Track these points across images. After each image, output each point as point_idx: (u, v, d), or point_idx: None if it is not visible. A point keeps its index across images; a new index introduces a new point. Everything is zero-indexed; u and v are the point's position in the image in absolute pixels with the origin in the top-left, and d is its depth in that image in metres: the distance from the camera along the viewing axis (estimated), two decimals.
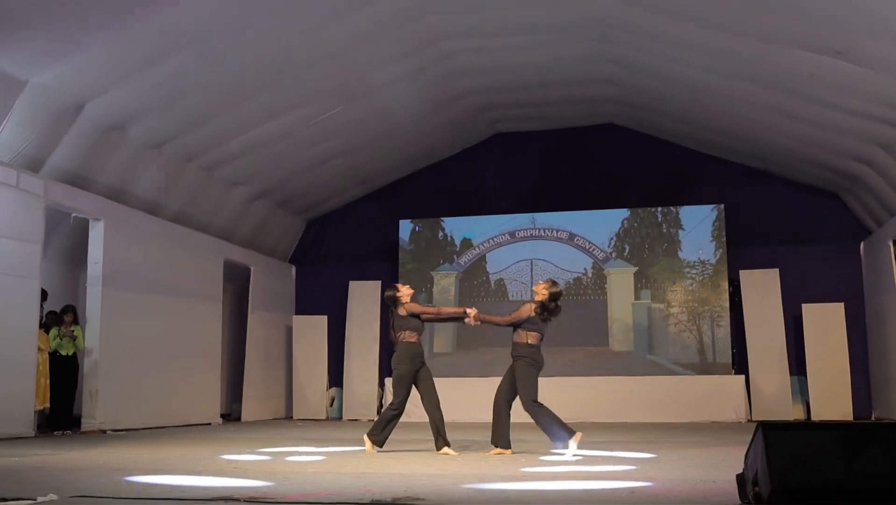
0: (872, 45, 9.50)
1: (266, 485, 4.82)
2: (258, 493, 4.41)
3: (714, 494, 4.35)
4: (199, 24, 9.73)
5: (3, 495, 4.21)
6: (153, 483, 4.98)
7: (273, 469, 5.93)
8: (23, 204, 9.55)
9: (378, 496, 4.21)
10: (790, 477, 3.53)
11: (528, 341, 7.32)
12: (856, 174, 13.08)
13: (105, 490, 4.63)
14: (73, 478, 5.29)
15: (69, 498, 4.24)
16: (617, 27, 11.55)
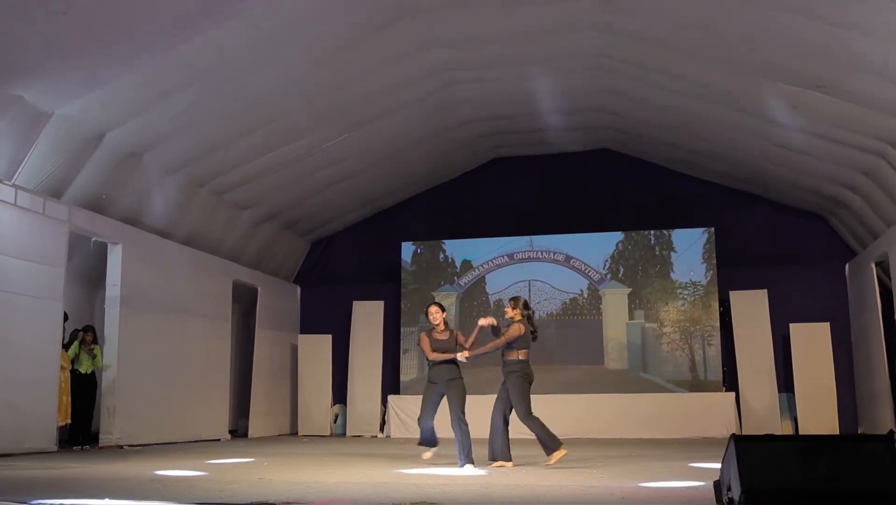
0: (850, 81, 10.16)
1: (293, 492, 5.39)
2: (291, 497, 4.98)
3: (695, 499, 4.93)
4: (214, 58, 10.33)
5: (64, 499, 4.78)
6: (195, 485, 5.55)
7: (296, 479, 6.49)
8: (48, 229, 10.13)
9: (398, 500, 4.78)
10: (757, 481, 4.11)
11: (519, 358, 7.92)
12: (841, 199, 13.72)
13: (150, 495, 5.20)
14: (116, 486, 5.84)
15: (125, 500, 4.81)
16: (611, 59, 12.20)
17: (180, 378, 12.36)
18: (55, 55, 9.32)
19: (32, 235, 9.88)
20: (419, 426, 8.29)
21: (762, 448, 4.22)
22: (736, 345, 14.15)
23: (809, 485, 4.07)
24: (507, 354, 7.98)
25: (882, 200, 12.49)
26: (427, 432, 8.25)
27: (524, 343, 7.95)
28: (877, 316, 12.84)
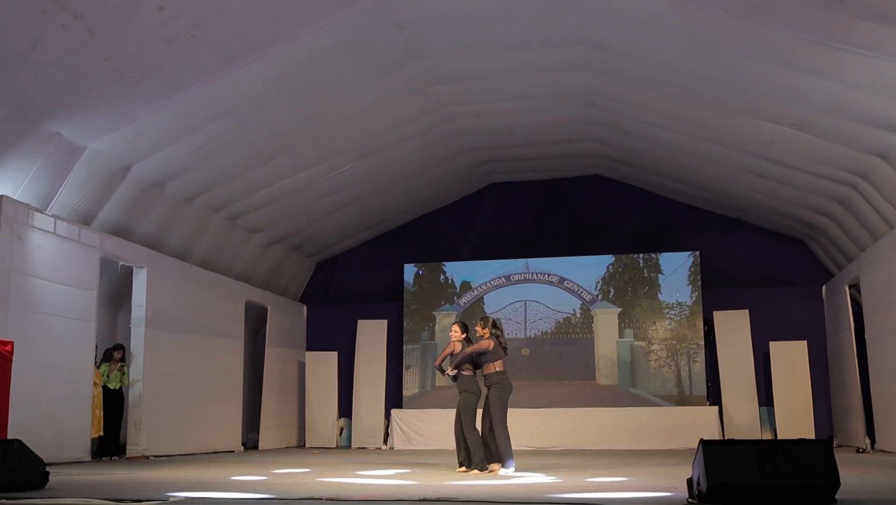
0: (822, 121, 11.19)
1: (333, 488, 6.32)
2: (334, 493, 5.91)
3: (672, 496, 5.88)
4: (234, 97, 11.30)
5: (134, 498, 5.70)
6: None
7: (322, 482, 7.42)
8: (82, 255, 11.05)
9: (426, 496, 5.72)
10: (720, 477, 5.07)
11: (497, 369, 8.73)
12: (818, 225, 14.75)
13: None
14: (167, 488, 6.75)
15: (186, 498, 5.73)
16: (602, 96, 13.20)
17: (198, 393, 13.26)
18: (91, 95, 10.27)
19: (68, 261, 10.79)
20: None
21: (724, 450, 5.19)
22: (719, 362, 15.12)
23: (763, 480, 5.02)
24: (485, 369, 8.74)
25: (854, 227, 13.52)
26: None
27: (497, 355, 8.74)
28: (850, 335, 13.83)
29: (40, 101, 10.01)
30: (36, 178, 10.72)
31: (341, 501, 5.54)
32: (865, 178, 12.16)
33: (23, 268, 9.94)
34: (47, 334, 10.21)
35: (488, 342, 8.77)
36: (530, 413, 14.34)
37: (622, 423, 14.77)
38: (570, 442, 14.52)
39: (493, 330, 8.92)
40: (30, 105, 9.98)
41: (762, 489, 5.02)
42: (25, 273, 9.98)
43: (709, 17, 9.67)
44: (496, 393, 8.70)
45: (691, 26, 10.07)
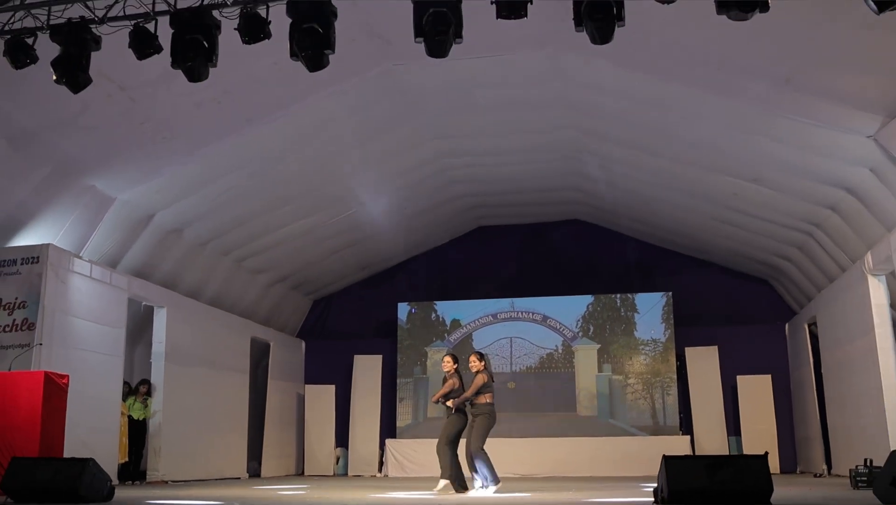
0: (777, 176, 12.70)
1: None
2: None
3: (643, 501, 7.21)
4: (251, 152, 12.65)
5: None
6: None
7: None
8: (112, 296, 12.29)
9: None
10: (679, 485, 6.41)
11: (487, 400, 9.91)
12: (780, 267, 16.25)
13: None
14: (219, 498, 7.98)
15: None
16: (582, 151, 14.64)
17: (209, 423, 14.44)
18: (126, 153, 11.61)
19: (101, 302, 12.03)
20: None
21: (681, 463, 6.55)
22: (691, 394, 16.50)
23: (712, 486, 6.37)
24: (476, 399, 9.82)
25: (812, 270, 15.02)
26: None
27: (489, 388, 9.95)
28: (809, 370, 15.29)
29: (81, 159, 11.34)
30: (72, 226, 12.01)
31: None
32: (819, 227, 13.66)
33: (64, 308, 11.17)
34: (83, 368, 11.37)
35: (484, 377, 10.02)
36: (516, 442, 15.65)
37: (601, 451, 16.06)
38: (553, 469, 15.76)
39: (487, 363, 10.20)
40: (72, 163, 11.31)
41: (712, 494, 6.37)
42: (66, 313, 11.20)
43: (677, 89, 11.14)
44: (483, 422, 9.78)
45: (662, 96, 11.52)
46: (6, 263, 11.02)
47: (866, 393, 11.98)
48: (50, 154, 10.95)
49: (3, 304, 10.87)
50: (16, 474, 7.62)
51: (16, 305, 10.86)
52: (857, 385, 12.58)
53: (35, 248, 11.05)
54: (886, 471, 6.56)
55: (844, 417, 13.49)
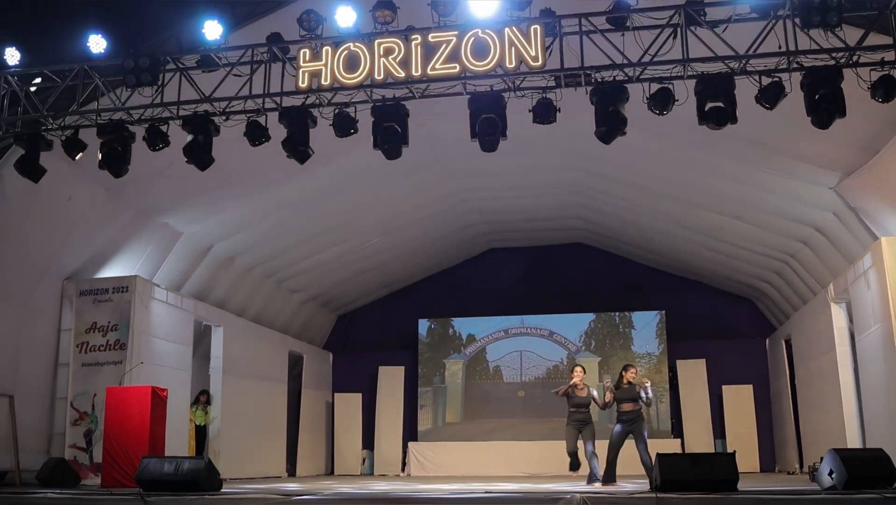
0: (757, 215, 14.98)
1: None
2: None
3: (640, 487, 9.43)
4: (297, 194, 14.79)
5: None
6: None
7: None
8: (182, 318, 14.46)
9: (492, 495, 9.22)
10: (668, 475, 8.64)
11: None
12: (761, 288, 18.53)
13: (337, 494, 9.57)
14: (296, 493, 10.15)
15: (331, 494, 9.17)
16: (586, 188, 16.88)
17: (256, 428, 16.60)
18: (196, 196, 13.78)
19: (173, 323, 14.19)
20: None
21: (671, 459, 8.79)
22: (681, 402, 18.73)
23: (694, 477, 8.60)
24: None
25: (788, 293, 17.30)
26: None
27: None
28: (786, 380, 17.55)
29: (160, 202, 13.57)
30: (148, 258, 14.22)
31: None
32: (794, 257, 15.96)
33: (147, 330, 13.34)
34: (161, 381, 13.50)
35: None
36: (525, 445, 17.86)
37: (601, 453, 18.13)
38: (558, 469, 17.79)
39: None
40: (152, 205, 13.54)
41: (694, 482, 8.60)
42: (148, 334, 13.37)
43: (671, 144, 13.36)
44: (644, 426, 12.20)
45: (659, 149, 13.73)
46: (100, 292, 13.19)
47: (829, 401, 14.22)
48: (136, 199, 13.16)
49: (98, 326, 13.05)
50: (146, 470, 9.79)
51: (109, 327, 13.04)
52: (822, 394, 14.82)
53: (125, 279, 13.23)
54: (825, 465, 8.84)
55: (813, 422, 15.74)
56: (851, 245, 13.54)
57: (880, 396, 11.67)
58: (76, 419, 12.76)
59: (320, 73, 8.90)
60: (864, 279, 12.17)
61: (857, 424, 13.35)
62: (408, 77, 8.78)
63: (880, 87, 8.29)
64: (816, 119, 8.47)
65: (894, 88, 8.26)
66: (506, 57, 8.57)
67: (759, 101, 8.58)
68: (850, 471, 8.61)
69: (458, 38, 8.69)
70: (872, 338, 11.91)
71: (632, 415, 11.96)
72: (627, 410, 12.13)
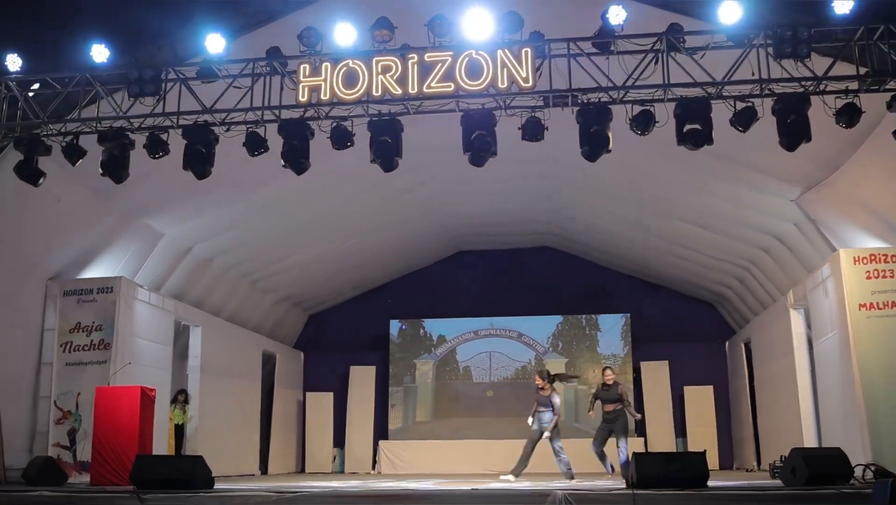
0: (720, 224, 15.73)
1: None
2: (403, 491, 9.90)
3: (617, 483, 10.05)
4: (278, 198, 15.15)
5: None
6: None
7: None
8: (163, 318, 14.78)
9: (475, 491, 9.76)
10: (644, 471, 9.27)
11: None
12: (722, 293, 19.34)
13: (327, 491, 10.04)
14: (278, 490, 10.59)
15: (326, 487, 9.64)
16: (556, 194, 17.49)
17: (231, 427, 16.96)
18: (178, 196, 14.09)
19: (155, 323, 14.50)
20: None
21: (646, 458, 9.42)
22: (645, 402, 19.46)
23: (668, 474, 9.24)
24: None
25: (749, 298, 18.12)
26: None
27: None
28: (745, 382, 18.38)
29: (144, 205, 13.87)
30: (129, 259, 14.50)
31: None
32: (755, 264, 16.75)
33: (130, 330, 13.65)
34: (143, 381, 13.81)
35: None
36: (493, 444, 18.42)
37: (567, 451, 18.78)
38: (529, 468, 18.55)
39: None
40: (136, 208, 13.84)
41: (667, 479, 9.23)
42: (132, 334, 13.69)
43: (641, 155, 13.97)
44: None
45: (629, 160, 14.34)
46: (84, 292, 13.48)
47: (787, 402, 15.02)
48: (121, 201, 13.45)
49: (82, 326, 13.34)
50: (141, 469, 10.17)
51: (93, 327, 13.33)
52: (780, 396, 15.63)
53: (109, 279, 13.53)
54: (788, 463, 9.54)
55: (771, 422, 16.56)
56: (810, 254, 14.34)
57: (836, 398, 12.44)
58: (60, 418, 13.04)
59: (320, 87, 9.36)
60: (822, 288, 12.94)
61: (813, 424, 14.16)
62: (404, 94, 9.29)
63: (844, 114, 8.99)
64: (785, 142, 9.13)
65: (857, 115, 8.97)
66: (498, 77, 9.12)
67: (734, 124, 9.23)
68: (810, 468, 9.34)
69: (452, 58, 9.21)
70: (829, 343, 12.68)
71: (613, 415, 12.76)
72: (610, 410, 12.96)
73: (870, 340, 11.56)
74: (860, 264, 11.82)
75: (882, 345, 11.50)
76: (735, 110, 9.22)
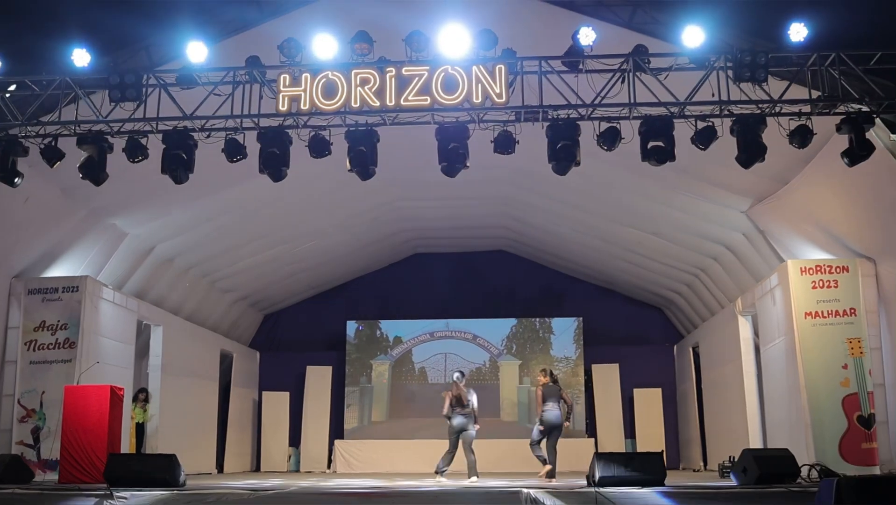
0: (673, 233, 16.39)
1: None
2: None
3: (579, 483, 10.56)
4: (243, 198, 15.39)
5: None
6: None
7: None
8: (126, 317, 14.91)
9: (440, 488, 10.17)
10: (606, 472, 9.79)
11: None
12: (671, 298, 20.06)
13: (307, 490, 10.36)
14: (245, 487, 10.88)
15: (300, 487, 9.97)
16: (512, 199, 17.99)
17: (190, 425, 17.13)
18: (145, 198, 14.27)
19: (118, 322, 14.63)
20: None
21: (607, 457, 9.95)
22: (595, 404, 20.10)
23: (627, 473, 9.77)
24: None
25: (697, 304, 18.84)
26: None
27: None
28: (692, 384, 19.10)
29: (111, 204, 13.99)
30: (93, 258, 14.62)
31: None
32: (704, 271, 17.47)
33: (95, 329, 13.77)
34: (106, 380, 13.94)
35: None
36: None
37: (521, 451, 19.12)
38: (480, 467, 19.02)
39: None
40: (102, 207, 13.96)
41: (627, 478, 9.78)
42: (97, 333, 13.81)
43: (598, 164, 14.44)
44: None
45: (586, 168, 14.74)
46: (49, 291, 13.56)
47: (734, 405, 15.73)
48: (88, 201, 13.57)
49: (47, 325, 13.43)
50: (114, 467, 10.39)
51: (58, 326, 13.42)
52: (727, 399, 16.34)
53: (75, 278, 13.64)
54: (740, 463, 10.16)
55: (718, 423, 17.29)
56: (758, 263, 15.07)
57: (783, 402, 13.14)
58: (23, 416, 13.10)
59: (300, 97, 9.68)
60: (770, 296, 13.64)
61: (759, 426, 14.88)
62: (382, 106, 9.66)
63: (797, 135, 9.62)
64: (742, 159, 9.72)
65: (809, 136, 9.60)
66: (473, 92, 9.55)
67: (695, 142, 9.79)
68: (760, 468, 9.96)
69: (429, 72, 9.61)
70: (776, 349, 13.38)
71: None
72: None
73: (815, 346, 12.27)
74: (807, 275, 12.53)
75: (825, 351, 12.22)
76: (696, 129, 9.77)
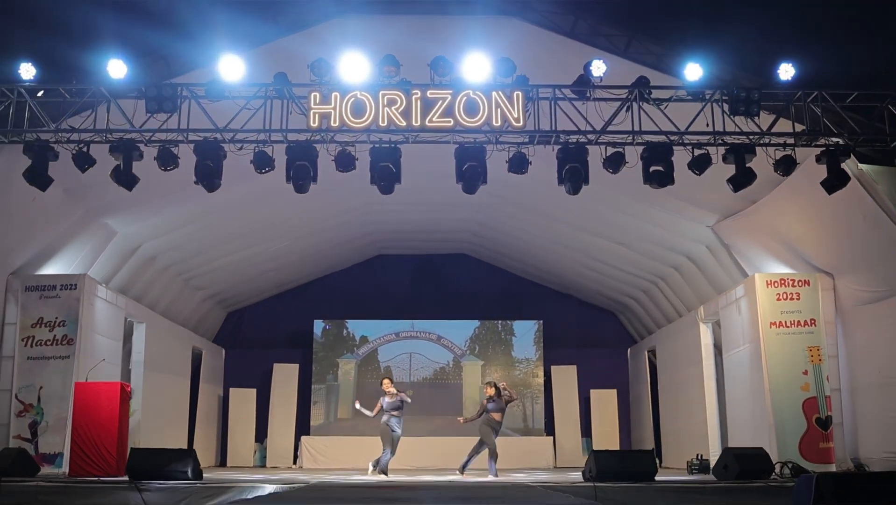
0: (638, 243, 17.55)
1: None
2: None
3: (577, 477, 11.55)
4: (228, 200, 15.90)
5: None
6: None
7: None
8: (116, 314, 15.36)
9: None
10: (603, 467, 10.82)
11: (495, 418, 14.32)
12: (627, 304, 21.30)
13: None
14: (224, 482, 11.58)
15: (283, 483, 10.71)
16: (478, 205, 18.86)
17: (167, 421, 17.60)
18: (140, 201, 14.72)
19: (109, 319, 15.08)
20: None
21: (604, 454, 10.98)
22: (554, 404, 21.16)
23: (622, 469, 10.82)
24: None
25: (653, 310, 20.10)
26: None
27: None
28: (647, 387, 20.36)
29: (108, 205, 14.45)
30: (84, 256, 15.03)
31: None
32: (663, 279, 18.71)
33: (91, 326, 14.22)
34: (97, 376, 14.41)
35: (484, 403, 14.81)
36: (412, 441, 19.60)
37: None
38: (442, 462, 19.90)
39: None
40: (99, 207, 14.40)
41: (622, 473, 10.82)
42: (92, 330, 14.26)
43: None
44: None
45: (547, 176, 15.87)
46: (46, 288, 13.96)
47: (694, 407, 16.98)
48: (88, 201, 14.02)
49: (44, 322, 13.82)
50: (136, 461, 10.97)
51: (56, 323, 13.84)
52: (686, 401, 17.61)
53: (73, 277, 14.07)
54: (721, 461, 11.32)
55: (676, 424, 18.55)
56: (719, 275, 16.34)
57: (745, 404, 14.40)
58: (21, 411, 13.48)
59: (329, 115, 10.43)
60: (735, 306, 14.89)
61: (717, 427, 16.14)
62: (408, 126, 10.48)
63: (782, 164, 10.80)
64: (733, 184, 10.86)
65: (793, 165, 10.79)
66: (492, 116, 10.45)
67: (691, 167, 10.87)
68: (741, 465, 11.13)
69: (452, 96, 10.48)
70: (740, 355, 14.63)
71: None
72: (499, 419, 14.96)
73: (778, 353, 13.55)
74: (772, 287, 13.80)
75: (788, 358, 13.52)
76: (693, 156, 10.86)
